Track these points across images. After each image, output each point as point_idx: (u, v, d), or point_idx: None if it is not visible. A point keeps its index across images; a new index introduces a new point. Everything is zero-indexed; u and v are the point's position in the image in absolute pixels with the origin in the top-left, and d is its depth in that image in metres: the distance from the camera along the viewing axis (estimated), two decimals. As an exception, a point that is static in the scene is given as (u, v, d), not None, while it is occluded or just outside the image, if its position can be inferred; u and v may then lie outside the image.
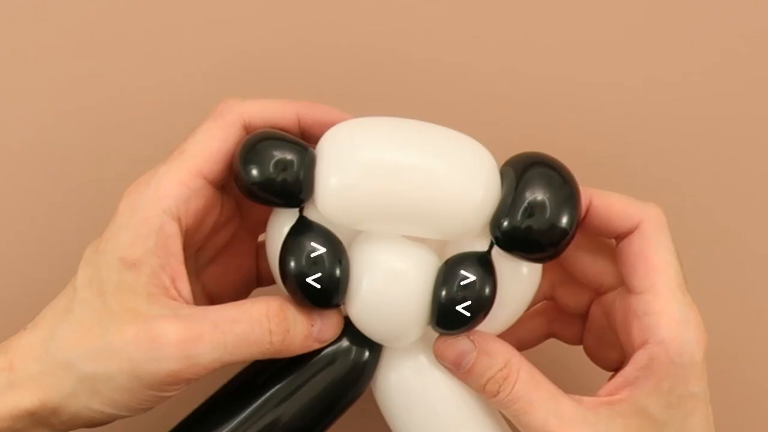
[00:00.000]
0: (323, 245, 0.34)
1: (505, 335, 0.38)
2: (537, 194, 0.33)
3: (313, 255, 0.33)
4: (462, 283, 0.34)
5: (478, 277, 0.34)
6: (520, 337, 0.42)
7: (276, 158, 0.34)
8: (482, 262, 0.34)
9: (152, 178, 0.35)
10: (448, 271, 0.34)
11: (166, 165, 0.35)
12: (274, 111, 0.37)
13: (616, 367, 0.39)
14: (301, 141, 0.35)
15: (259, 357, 0.34)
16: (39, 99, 0.47)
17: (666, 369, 0.34)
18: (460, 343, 0.35)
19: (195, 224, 0.35)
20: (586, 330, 0.41)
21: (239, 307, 0.34)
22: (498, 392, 0.35)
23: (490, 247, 0.34)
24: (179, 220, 0.34)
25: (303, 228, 0.34)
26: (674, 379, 0.35)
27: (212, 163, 0.35)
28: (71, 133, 0.47)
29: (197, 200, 0.35)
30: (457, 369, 0.36)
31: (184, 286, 0.35)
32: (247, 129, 0.36)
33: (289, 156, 0.34)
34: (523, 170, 0.34)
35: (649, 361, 0.35)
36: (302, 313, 0.35)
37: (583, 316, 0.41)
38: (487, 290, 0.34)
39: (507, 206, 0.33)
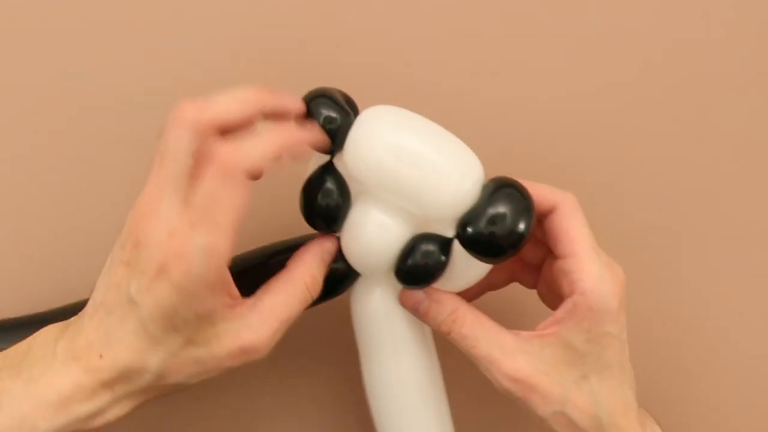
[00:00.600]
0: (334, 185, 0.43)
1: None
2: (499, 209, 0.40)
3: (325, 188, 0.43)
4: (423, 253, 0.42)
5: (436, 252, 0.41)
6: (491, 281, 0.48)
7: (324, 113, 0.42)
8: (443, 244, 0.42)
9: (194, 253, 0.37)
10: (417, 241, 0.42)
11: (203, 237, 0.37)
12: (236, 114, 0.39)
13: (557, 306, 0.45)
14: (345, 104, 0.42)
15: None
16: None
17: (585, 313, 0.41)
18: (416, 294, 0.44)
19: None
20: (539, 279, 0.48)
21: (285, 291, 0.41)
22: (450, 331, 0.43)
23: (455, 237, 0.41)
24: (227, 265, 0.38)
25: (328, 170, 0.43)
26: (592, 321, 0.41)
27: (240, 222, 0.38)
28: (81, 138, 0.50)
29: (232, 248, 0.38)
30: (416, 313, 0.44)
31: (235, 291, 0.39)
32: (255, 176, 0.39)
33: (333, 114, 0.42)
34: (494, 189, 0.41)
35: (573, 307, 0.42)
36: (322, 261, 0.43)
37: (539, 267, 0.48)
38: (439, 264, 0.42)
39: (475, 214, 0.40)
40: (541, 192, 0.43)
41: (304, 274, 0.42)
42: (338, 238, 0.44)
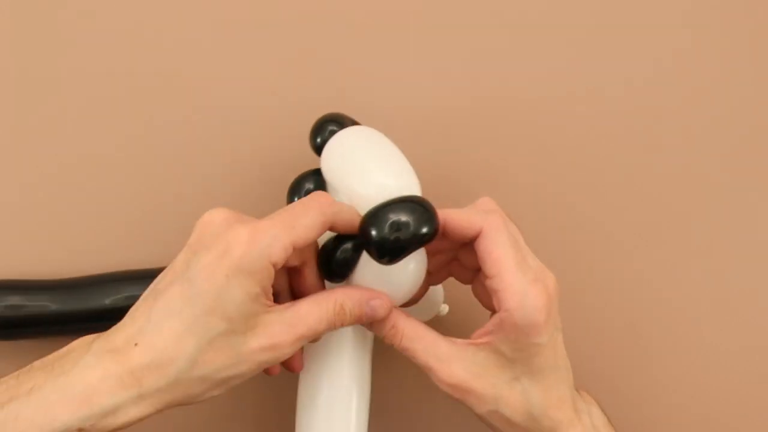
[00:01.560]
0: (313, 183, 0.50)
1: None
2: (396, 216, 0.43)
3: (305, 184, 0.50)
4: (340, 250, 0.45)
5: (350, 251, 0.45)
6: (431, 279, 0.51)
7: (320, 132, 0.49)
8: (357, 245, 0.45)
9: (265, 236, 0.41)
10: (337, 241, 0.46)
11: (276, 230, 0.41)
12: (349, 220, 0.44)
13: (491, 307, 0.47)
14: (342, 122, 0.49)
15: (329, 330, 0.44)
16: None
17: (511, 328, 0.44)
18: None
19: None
20: (476, 281, 0.50)
21: (318, 304, 0.44)
22: (392, 344, 0.47)
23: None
24: (275, 266, 0.42)
25: (313, 172, 0.50)
26: (518, 334, 0.44)
27: (304, 242, 0.42)
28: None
29: (286, 257, 0.42)
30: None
31: (271, 295, 0.43)
32: (329, 226, 0.44)
33: (334, 128, 0.49)
34: (398, 200, 0.44)
35: (500, 322, 0.44)
36: (360, 304, 0.45)
37: (476, 271, 0.49)
38: (351, 261, 0.46)
39: (375, 218, 0.43)
40: (466, 217, 0.45)
41: (337, 298, 0.45)
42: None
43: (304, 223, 0.42)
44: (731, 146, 0.59)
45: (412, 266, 0.46)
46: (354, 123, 0.50)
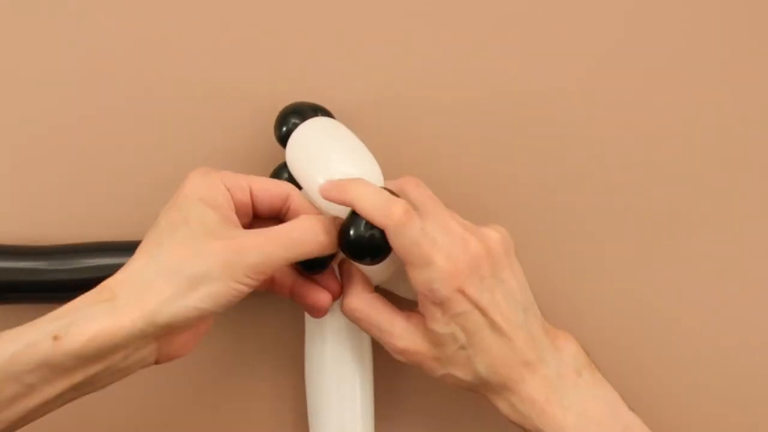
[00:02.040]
0: (286, 174, 0.52)
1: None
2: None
3: (283, 174, 0.52)
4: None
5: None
6: None
7: (283, 124, 0.52)
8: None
9: (218, 171, 0.47)
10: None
11: (230, 172, 0.47)
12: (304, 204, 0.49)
13: None
14: (303, 113, 0.52)
15: (308, 256, 0.47)
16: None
17: (431, 306, 0.48)
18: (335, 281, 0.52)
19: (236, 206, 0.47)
20: None
21: (293, 223, 0.47)
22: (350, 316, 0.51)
23: None
24: (229, 191, 0.46)
25: (284, 164, 0.52)
26: (440, 310, 0.48)
27: (260, 189, 0.48)
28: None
29: (238, 187, 0.47)
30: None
31: (239, 223, 0.47)
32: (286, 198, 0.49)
33: (296, 120, 0.51)
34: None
35: (422, 305, 0.49)
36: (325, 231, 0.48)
37: None
38: (328, 257, 0.49)
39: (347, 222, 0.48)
40: (378, 214, 0.47)
41: (311, 217, 0.48)
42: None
43: (262, 178, 0.49)
44: (732, 145, 0.59)
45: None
46: (316, 109, 0.52)
